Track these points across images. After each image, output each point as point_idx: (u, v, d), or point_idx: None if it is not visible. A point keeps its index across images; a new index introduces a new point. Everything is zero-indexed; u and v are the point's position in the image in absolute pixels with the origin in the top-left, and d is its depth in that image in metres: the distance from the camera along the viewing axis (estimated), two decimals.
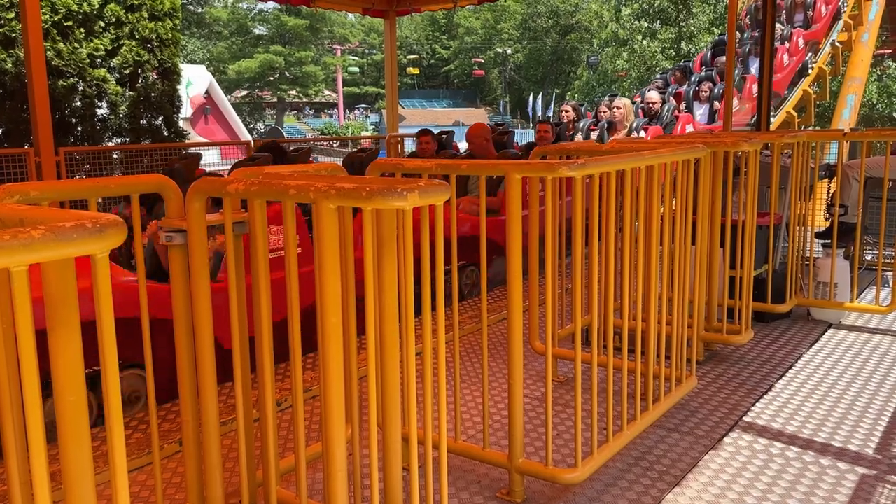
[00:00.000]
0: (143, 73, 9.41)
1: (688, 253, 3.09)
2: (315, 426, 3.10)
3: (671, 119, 11.44)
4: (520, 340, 2.43)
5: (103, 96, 9.20)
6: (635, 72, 31.65)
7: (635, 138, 6.46)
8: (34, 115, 5.42)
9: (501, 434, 2.98)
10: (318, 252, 1.61)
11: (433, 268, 1.79)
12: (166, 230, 1.98)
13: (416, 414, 2.42)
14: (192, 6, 50.51)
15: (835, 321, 4.59)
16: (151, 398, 2.03)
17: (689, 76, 13.98)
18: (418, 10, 10.23)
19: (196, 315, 1.99)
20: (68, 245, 1.00)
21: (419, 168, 2.53)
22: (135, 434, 3.07)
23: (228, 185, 1.81)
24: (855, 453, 2.83)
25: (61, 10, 8.62)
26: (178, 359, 2.05)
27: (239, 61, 53.18)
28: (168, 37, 9.49)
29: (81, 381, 1.12)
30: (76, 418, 1.13)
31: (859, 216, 4.57)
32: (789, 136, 4.29)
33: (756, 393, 3.46)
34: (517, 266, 2.37)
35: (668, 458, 2.82)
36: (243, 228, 2.01)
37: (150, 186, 2.08)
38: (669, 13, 32.43)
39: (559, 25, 55.59)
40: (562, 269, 3.63)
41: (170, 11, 9.52)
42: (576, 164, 2.28)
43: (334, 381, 1.64)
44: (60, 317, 1.10)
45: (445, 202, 1.66)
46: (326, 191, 1.57)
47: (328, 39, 58.60)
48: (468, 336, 4.41)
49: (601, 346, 2.73)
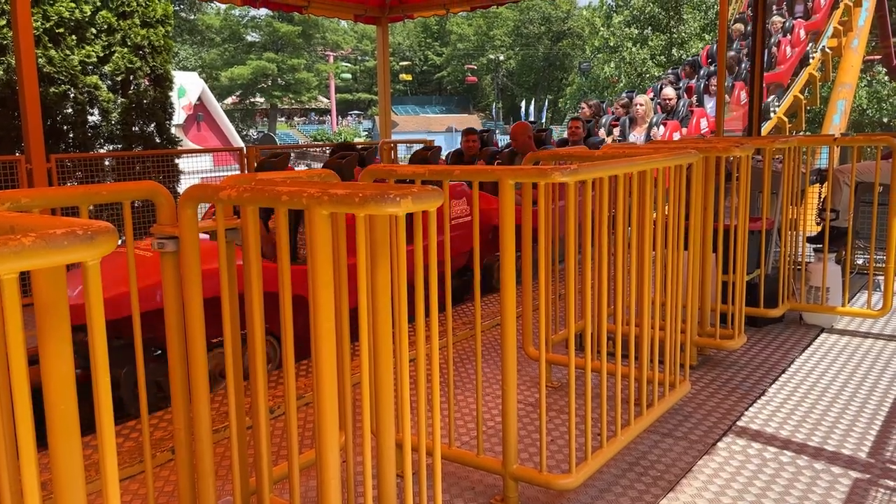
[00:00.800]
0: (135, 80, 9.39)
1: (681, 258, 3.10)
2: (308, 433, 3.09)
3: (686, 113, 11.81)
4: (513, 346, 2.43)
5: (95, 103, 9.17)
6: (626, 78, 31.77)
7: (628, 143, 6.48)
8: (25, 123, 5.40)
9: (495, 440, 2.97)
10: (310, 258, 1.60)
11: (426, 273, 1.78)
12: (158, 237, 1.97)
13: (410, 420, 2.41)
14: (184, 13, 50.52)
15: (827, 325, 4.60)
16: (143, 408, 2.01)
17: (697, 70, 14.22)
18: (411, 16, 10.25)
19: (189, 322, 1.98)
20: (59, 252, 0.99)
21: (412, 174, 2.53)
22: (126, 442, 3.05)
23: (220, 191, 1.81)
24: (848, 457, 2.84)
25: (53, 18, 8.60)
26: (170, 367, 2.04)
27: (231, 68, 53.15)
28: (160, 43, 9.47)
29: (72, 390, 1.11)
30: (67, 427, 1.12)
31: (850, 221, 4.59)
32: (780, 142, 4.31)
33: (749, 397, 3.47)
34: (510, 271, 2.37)
35: (662, 464, 2.81)
36: (236, 235, 2.01)
37: (143, 193, 2.07)
38: (660, 20, 32.59)
39: (551, 32, 55.83)
40: (555, 275, 3.63)
41: (162, 18, 9.49)
42: (568, 170, 2.28)
43: (327, 388, 1.63)
44: (51, 325, 1.09)
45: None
46: (319, 197, 1.56)
47: (321, 46, 58.66)
48: (462, 342, 4.41)
49: (595, 352, 2.73)
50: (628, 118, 11.56)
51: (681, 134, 11.77)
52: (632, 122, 11.45)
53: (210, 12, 53.53)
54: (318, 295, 1.59)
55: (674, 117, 11.69)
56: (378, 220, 1.63)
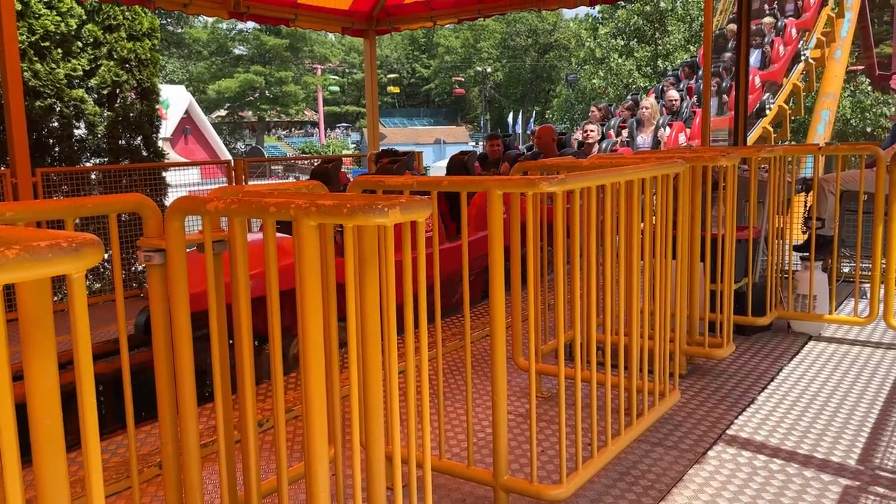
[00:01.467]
0: (122, 93, 9.35)
1: (669, 267, 3.11)
2: (297, 446, 3.07)
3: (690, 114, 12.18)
4: (503, 357, 2.43)
5: (81, 116, 9.12)
6: (613, 89, 31.99)
7: (615, 154, 6.52)
8: (10, 136, 5.36)
9: (486, 451, 2.96)
10: (299, 270, 1.59)
11: (415, 283, 1.78)
12: (144, 250, 1.95)
13: (400, 432, 2.40)
14: (171, 27, 50.52)
15: (815, 333, 4.63)
16: (130, 423, 1.99)
17: (696, 71, 14.52)
18: (398, 29, 10.29)
19: (176, 335, 1.96)
20: (43, 265, 0.98)
21: (401, 185, 2.53)
22: (113, 458, 3.01)
23: (207, 203, 1.80)
24: (838, 464, 2.84)
25: (38, 31, 8.56)
26: (157, 380, 2.02)
27: (219, 81, 53.18)
28: (147, 57, 9.44)
29: (57, 405, 1.10)
30: (52, 443, 1.10)
31: (836, 229, 4.63)
32: (766, 151, 4.35)
33: (739, 406, 3.47)
34: (499, 282, 2.37)
35: (653, 473, 2.81)
36: (223, 247, 2.00)
37: (129, 206, 2.06)
38: (645, 31, 32.88)
39: (538, 44, 56.21)
40: (544, 285, 3.63)
41: (148, 31, 9.47)
42: (556, 180, 2.29)
43: (316, 401, 1.62)
44: (35, 339, 1.07)
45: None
46: (307, 208, 1.56)
47: (308, 59, 58.81)
48: (451, 353, 4.40)
49: (584, 362, 2.73)
50: (635, 120, 12.01)
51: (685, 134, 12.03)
52: (639, 124, 11.91)
53: (197, 26, 53.59)
54: (307, 306, 1.58)
55: (678, 118, 11.99)
56: (366, 230, 1.63)
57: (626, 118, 12.69)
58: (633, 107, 13.21)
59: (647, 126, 11.61)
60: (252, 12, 8.52)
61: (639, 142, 11.77)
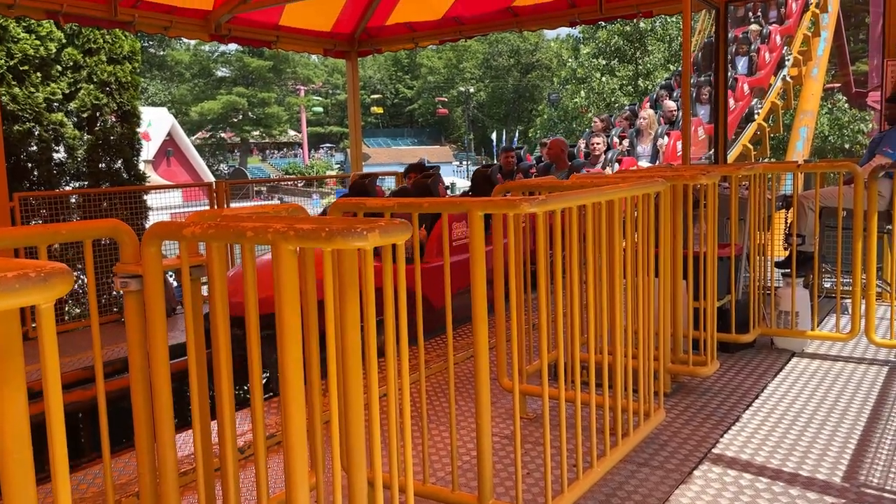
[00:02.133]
0: (102, 117, 9.28)
1: (651, 285, 3.11)
2: (279, 473, 3.02)
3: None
4: (486, 378, 2.41)
5: (60, 140, 9.05)
6: (595, 108, 32.24)
7: (595, 174, 6.54)
8: None
9: (471, 475, 2.93)
10: (277, 294, 1.57)
11: (396, 306, 1.76)
12: (121, 276, 1.92)
13: (382, 457, 2.36)
14: (153, 49, 50.48)
15: (798, 349, 4.64)
16: (106, 452, 1.95)
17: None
18: (380, 50, 10.33)
19: (153, 361, 1.93)
20: (11, 296, 0.96)
21: (381, 207, 2.52)
22: (91, 488, 2.96)
23: (184, 228, 1.78)
24: (823, 482, 2.84)
25: (17, 55, 8.51)
26: (133, 407, 1.98)
27: (202, 103, 53.13)
28: (127, 80, 9.39)
29: (27, 439, 1.07)
30: (21, 476, 1.07)
31: (816, 245, 4.66)
32: (746, 169, 4.38)
33: (724, 424, 3.47)
34: (482, 303, 2.35)
35: (639, 494, 2.79)
36: (201, 272, 1.97)
37: (104, 232, 2.03)
38: (626, 51, 33.23)
39: (520, 64, 56.69)
40: (528, 305, 3.62)
41: (129, 55, 9.42)
42: (537, 201, 2.29)
43: (296, 427, 1.59)
44: (4, 371, 1.05)
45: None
46: (285, 232, 1.54)
47: (291, 80, 58.96)
48: (435, 375, 4.37)
49: (569, 382, 2.71)
50: (635, 131, 12.43)
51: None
52: (638, 133, 12.32)
53: (179, 48, 53.61)
54: (285, 331, 1.56)
55: (675, 127, 12.26)
56: (346, 254, 1.61)
57: (625, 128, 13.12)
58: (632, 117, 13.62)
59: (645, 136, 11.92)
60: (234, 35, 8.53)
61: (639, 151, 12.11)
